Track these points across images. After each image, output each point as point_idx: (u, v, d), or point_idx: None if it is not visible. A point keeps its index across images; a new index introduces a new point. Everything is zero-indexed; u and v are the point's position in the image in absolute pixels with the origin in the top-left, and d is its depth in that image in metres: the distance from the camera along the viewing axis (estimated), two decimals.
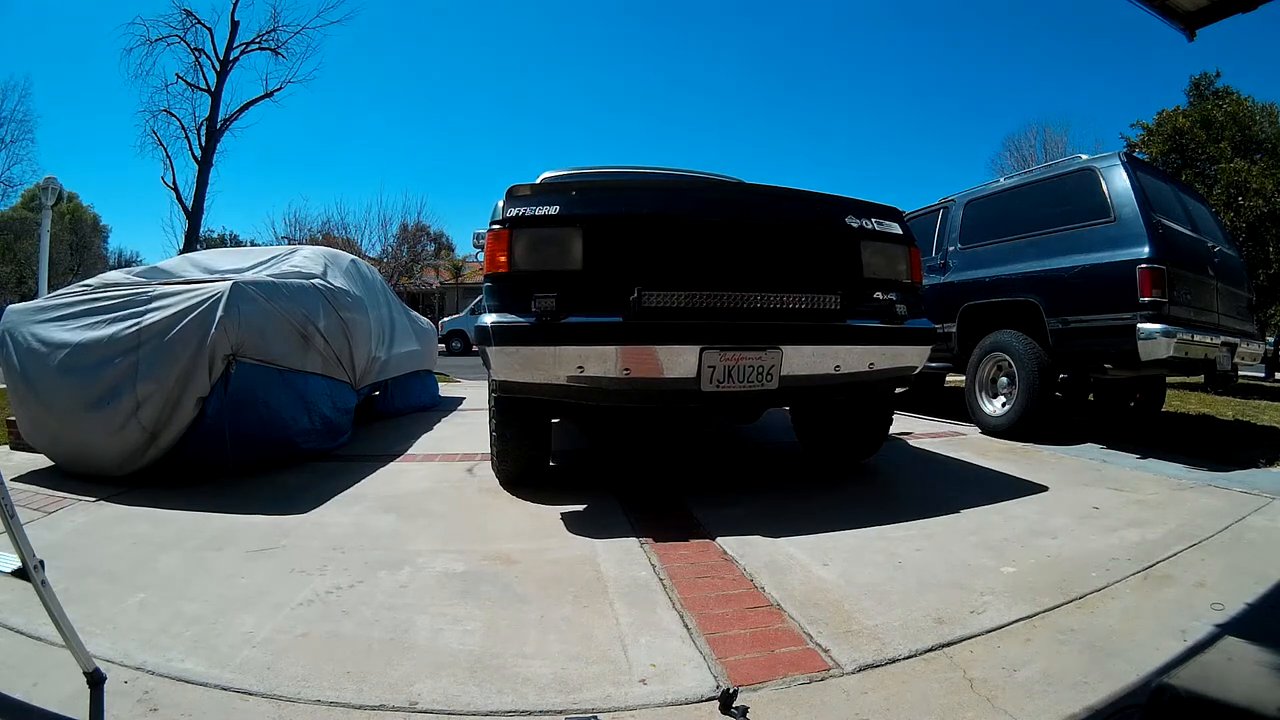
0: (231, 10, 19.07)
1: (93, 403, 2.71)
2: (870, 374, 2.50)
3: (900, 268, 2.64)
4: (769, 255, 2.43)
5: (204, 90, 19.12)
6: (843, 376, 2.44)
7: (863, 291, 2.52)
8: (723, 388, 2.28)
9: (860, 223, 2.54)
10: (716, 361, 2.24)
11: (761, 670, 1.34)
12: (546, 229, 2.31)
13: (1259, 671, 0.96)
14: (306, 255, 4.12)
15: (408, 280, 25.51)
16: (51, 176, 9.67)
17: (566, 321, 2.19)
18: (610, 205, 2.42)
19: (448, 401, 5.99)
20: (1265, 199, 9.05)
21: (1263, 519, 2.35)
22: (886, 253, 2.61)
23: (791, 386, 2.39)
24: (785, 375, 2.33)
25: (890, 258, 2.62)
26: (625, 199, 2.51)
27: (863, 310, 2.48)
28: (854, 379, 2.48)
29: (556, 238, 2.30)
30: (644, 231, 2.36)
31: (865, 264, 2.55)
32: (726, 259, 2.38)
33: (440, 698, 1.25)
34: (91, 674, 1.13)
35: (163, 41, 18.57)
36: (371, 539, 2.14)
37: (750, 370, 2.29)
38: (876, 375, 2.53)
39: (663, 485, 2.88)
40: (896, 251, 2.64)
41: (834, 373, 2.41)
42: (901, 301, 2.54)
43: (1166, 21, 2.48)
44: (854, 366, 2.44)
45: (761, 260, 2.41)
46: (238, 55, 19.41)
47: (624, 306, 2.22)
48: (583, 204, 2.34)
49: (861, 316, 2.47)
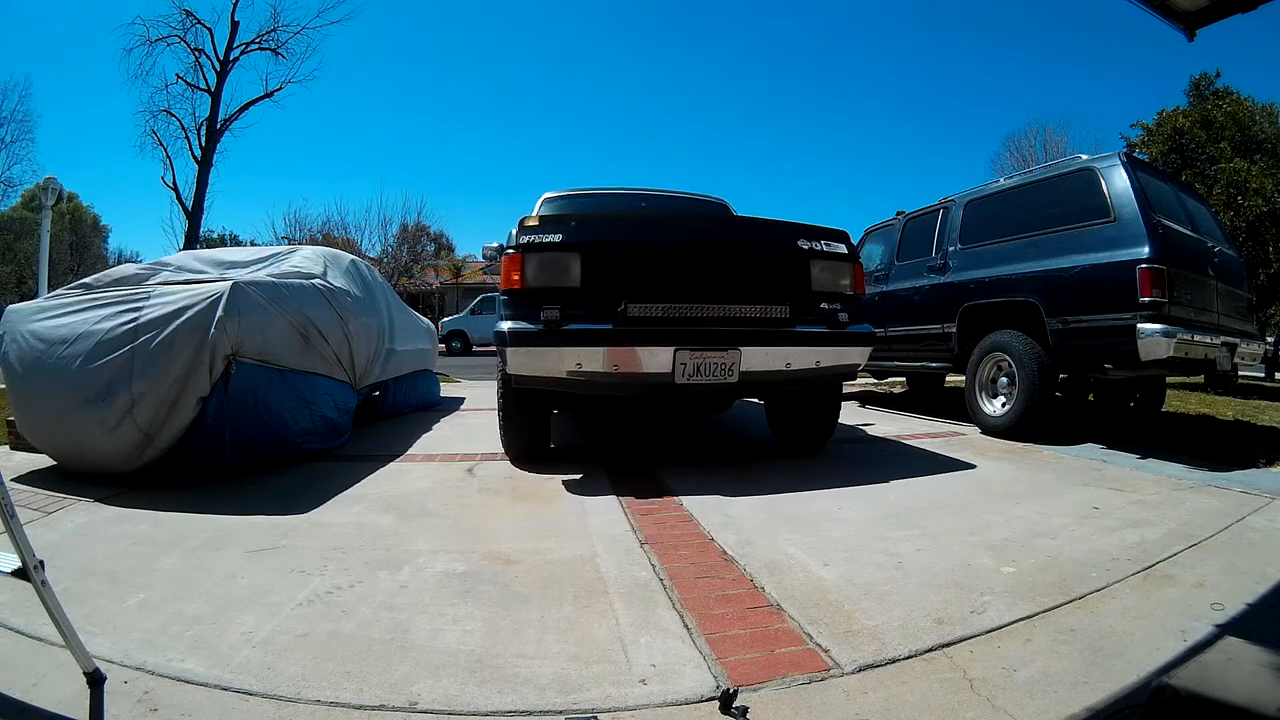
0: (231, 10, 19.10)
1: (88, 400, 2.70)
2: (817, 370, 2.95)
3: (844, 282, 3.10)
4: (732, 273, 2.90)
5: (204, 90, 19.14)
6: (793, 372, 2.91)
7: (811, 302, 2.98)
8: (692, 381, 2.74)
9: (810, 244, 3.01)
10: (687, 360, 2.71)
11: (761, 670, 1.34)
12: (551, 253, 2.77)
13: (1259, 671, 0.96)
14: (306, 255, 4.12)
15: (408, 280, 25.51)
16: (51, 176, 9.68)
17: (567, 328, 2.66)
18: (602, 234, 2.92)
19: (448, 401, 6.00)
20: (1265, 199, 9.04)
21: (1263, 519, 2.35)
22: (832, 269, 3.06)
23: (749, 380, 2.85)
24: (744, 371, 2.79)
25: (836, 273, 3.07)
26: (614, 229, 3.04)
27: (810, 317, 2.95)
28: (803, 374, 2.94)
29: (559, 260, 2.78)
30: (630, 256, 2.85)
31: (814, 279, 3.01)
32: (696, 277, 2.85)
33: (440, 698, 1.25)
34: (91, 674, 1.13)
35: (163, 41, 18.60)
36: (371, 539, 2.13)
37: (715, 367, 2.75)
38: (823, 371, 2.98)
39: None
40: (842, 268, 3.09)
41: (785, 369, 2.89)
42: (844, 310, 3.01)
43: (1166, 21, 2.48)
44: (802, 364, 2.90)
45: (725, 277, 2.88)
46: (238, 55, 19.43)
47: (613, 315, 2.71)
48: (580, 233, 2.82)
49: (808, 323, 2.94)
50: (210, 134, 19.15)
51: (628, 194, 4.76)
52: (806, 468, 3.20)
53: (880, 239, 6.02)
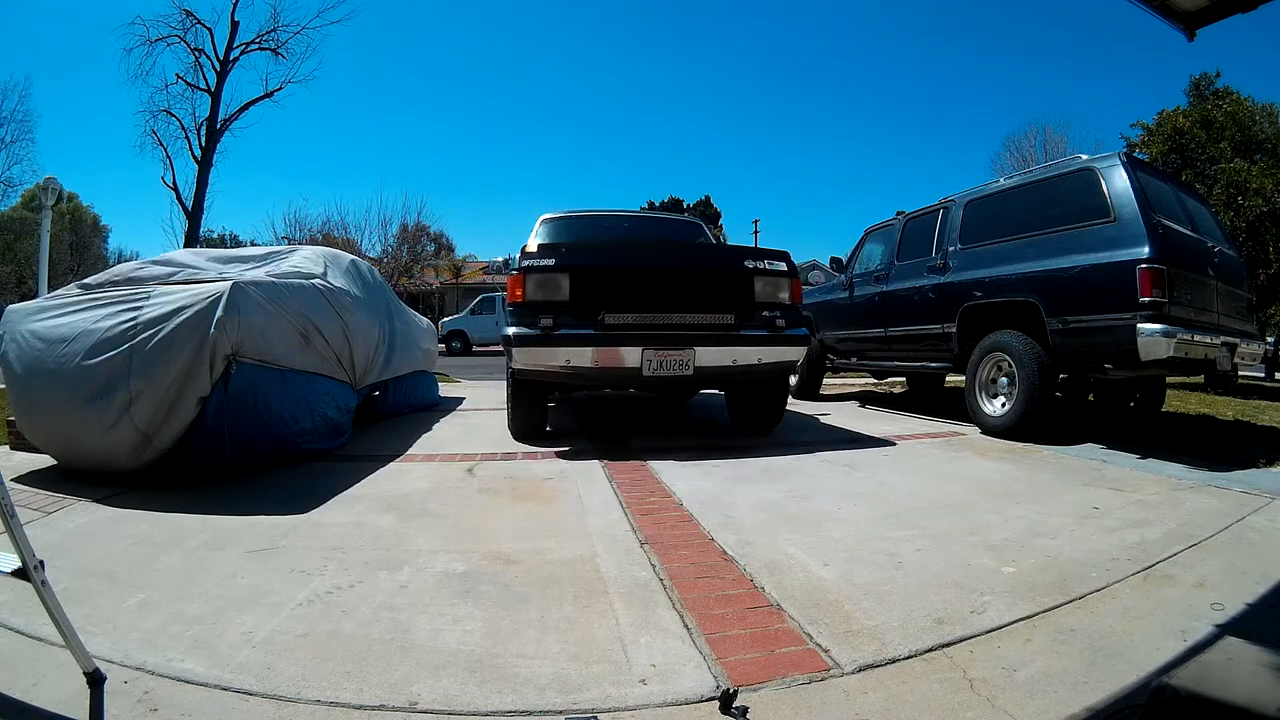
0: (231, 10, 19.09)
1: (86, 398, 2.69)
2: (760, 365, 3.66)
3: (783, 294, 3.74)
4: (689, 288, 3.62)
5: (204, 90, 19.12)
6: (739, 367, 3.60)
7: (754, 310, 3.65)
8: (657, 374, 3.43)
9: (754, 264, 3.68)
10: (652, 357, 3.40)
11: (761, 670, 1.34)
12: (546, 274, 3.47)
13: (1259, 671, 0.96)
14: (306, 255, 4.12)
15: (408, 280, 25.50)
16: (51, 176, 9.68)
17: (558, 333, 3.38)
18: (586, 259, 3.63)
19: (448, 401, 5.99)
20: (1265, 199, 9.03)
21: (1263, 519, 2.35)
22: (773, 283, 3.71)
23: (703, 373, 3.54)
24: (699, 366, 3.47)
25: (775, 287, 3.72)
26: (596, 254, 3.76)
27: (753, 323, 3.63)
28: (748, 369, 3.65)
29: (552, 279, 3.47)
30: (608, 276, 3.56)
31: (757, 292, 3.66)
32: (660, 292, 3.56)
33: (440, 698, 1.25)
34: (91, 674, 1.13)
35: (163, 41, 18.58)
36: (371, 539, 2.13)
37: (674, 362, 3.44)
38: (765, 366, 3.69)
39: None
40: (781, 282, 3.73)
41: (732, 364, 3.57)
42: (783, 316, 3.67)
43: (1166, 21, 2.47)
44: (747, 360, 3.60)
45: (684, 292, 3.59)
46: (238, 55, 19.42)
47: (595, 323, 3.42)
48: (569, 258, 3.55)
49: (752, 327, 3.61)
50: (210, 134, 19.14)
51: (613, 215, 5.58)
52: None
53: (880, 239, 6.01)
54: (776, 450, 3.62)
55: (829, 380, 7.37)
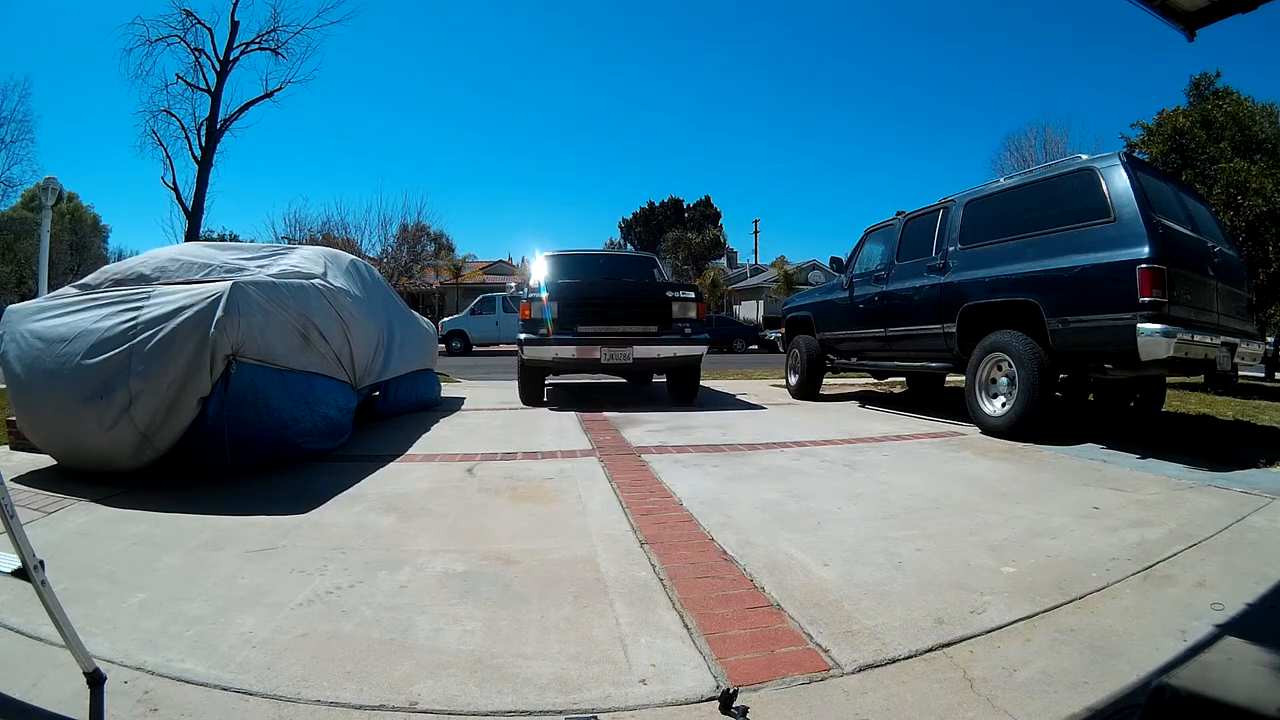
0: (231, 10, 19.05)
1: (86, 398, 2.70)
2: (675, 358, 5.76)
3: (690, 313, 5.74)
4: (630, 309, 5.67)
5: (204, 90, 19.09)
6: (662, 359, 5.74)
7: (672, 323, 5.66)
8: (610, 362, 5.52)
9: (673, 294, 5.77)
10: (608, 352, 5.48)
11: (761, 670, 1.34)
12: (543, 303, 5.50)
13: (1259, 671, 0.96)
14: (306, 255, 4.12)
15: (408, 280, 25.49)
16: (51, 176, 9.67)
17: (551, 337, 5.47)
18: (567, 292, 5.62)
19: (448, 401, 6.00)
20: (1265, 199, 9.02)
21: (1263, 519, 2.35)
22: (685, 306, 5.73)
23: (640, 363, 5.64)
24: (636, 358, 5.55)
25: (686, 308, 5.72)
26: (574, 290, 5.66)
27: (669, 331, 5.65)
28: (669, 360, 5.78)
29: (545, 304, 5.49)
30: (580, 303, 5.56)
31: (674, 311, 5.68)
32: (612, 312, 5.62)
33: (440, 698, 1.25)
34: (91, 674, 1.13)
35: (163, 41, 18.53)
36: (372, 539, 2.14)
37: (621, 355, 5.50)
38: (680, 358, 5.77)
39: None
40: (689, 305, 5.75)
41: (657, 357, 5.69)
42: (690, 327, 5.69)
43: (1166, 21, 2.47)
44: (666, 354, 5.68)
45: (627, 312, 5.65)
46: (238, 55, 19.38)
47: (573, 331, 5.47)
48: (556, 292, 5.58)
49: (669, 334, 5.65)
50: (210, 134, 19.12)
51: (590, 254, 7.84)
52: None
53: (880, 239, 6.01)
54: (777, 450, 3.62)
55: (829, 380, 7.37)
